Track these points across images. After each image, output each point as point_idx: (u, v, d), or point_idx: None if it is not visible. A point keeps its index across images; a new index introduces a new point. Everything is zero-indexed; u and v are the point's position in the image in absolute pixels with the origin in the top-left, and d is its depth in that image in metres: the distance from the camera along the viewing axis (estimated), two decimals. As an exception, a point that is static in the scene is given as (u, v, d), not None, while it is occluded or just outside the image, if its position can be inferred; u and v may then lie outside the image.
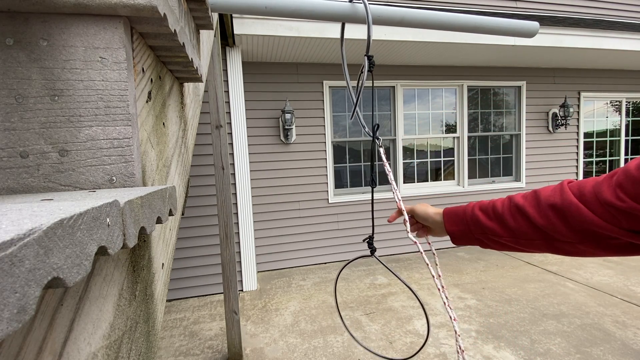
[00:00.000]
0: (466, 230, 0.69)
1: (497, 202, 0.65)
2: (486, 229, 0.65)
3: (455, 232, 0.72)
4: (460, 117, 4.46)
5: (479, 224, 0.66)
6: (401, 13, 0.83)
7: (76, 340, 0.29)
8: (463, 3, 4.03)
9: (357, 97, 0.78)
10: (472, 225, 0.68)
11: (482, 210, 0.67)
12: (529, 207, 0.58)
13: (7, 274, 0.17)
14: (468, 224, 0.68)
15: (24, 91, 0.38)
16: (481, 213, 0.66)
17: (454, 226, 0.72)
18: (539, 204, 0.57)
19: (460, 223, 0.70)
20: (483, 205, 0.67)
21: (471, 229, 0.68)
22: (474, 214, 0.67)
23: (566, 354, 2.16)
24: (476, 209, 0.68)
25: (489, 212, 0.65)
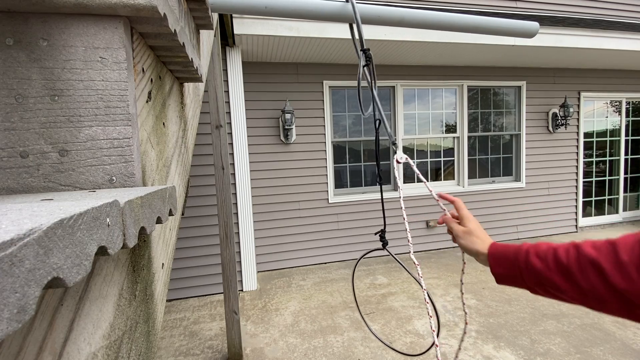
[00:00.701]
0: (517, 276, 0.60)
1: (559, 250, 0.55)
2: (544, 281, 0.55)
3: (503, 275, 0.63)
4: (460, 117, 4.46)
5: (535, 273, 0.56)
6: (401, 13, 0.83)
7: (76, 340, 0.29)
8: (463, 3, 4.03)
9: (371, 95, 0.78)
10: (525, 273, 0.58)
11: (539, 257, 0.57)
12: (606, 262, 0.48)
13: (7, 274, 0.17)
14: (520, 270, 0.59)
15: (24, 91, 0.38)
16: (539, 261, 0.56)
17: (501, 269, 0.63)
18: (618, 260, 0.46)
19: (511, 267, 0.61)
20: (540, 251, 0.57)
21: (524, 276, 0.59)
22: (528, 261, 0.58)
23: (566, 353, 2.16)
24: (532, 256, 0.58)
25: (548, 261, 0.55)
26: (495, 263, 0.64)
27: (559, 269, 0.53)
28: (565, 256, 0.53)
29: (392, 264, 3.92)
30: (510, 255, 0.62)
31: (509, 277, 0.62)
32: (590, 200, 5.18)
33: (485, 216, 4.54)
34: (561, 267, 0.53)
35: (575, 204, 4.95)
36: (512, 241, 4.63)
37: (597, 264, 0.48)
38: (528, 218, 4.74)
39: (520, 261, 0.59)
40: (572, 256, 0.52)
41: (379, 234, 0.80)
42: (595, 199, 5.21)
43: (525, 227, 4.74)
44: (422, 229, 4.34)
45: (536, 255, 0.57)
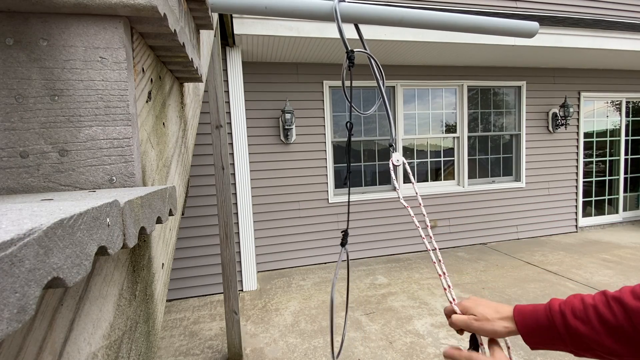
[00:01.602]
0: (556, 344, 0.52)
1: (599, 307, 0.48)
2: (594, 345, 0.48)
3: (539, 343, 0.54)
4: (460, 117, 4.46)
5: (580, 339, 0.49)
6: (401, 13, 0.83)
7: (76, 340, 0.29)
8: (463, 3, 4.03)
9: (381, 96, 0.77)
10: (568, 339, 0.50)
11: (578, 318, 0.49)
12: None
13: (7, 274, 0.17)
14: (560, 335, 0.51)
15: (24, 91, 0.38)
16: (581, 324, 0.49)
17: (537, 338, 0.54)
18: None
19: (547, 334, 0.53)
20: (578, 311, 0.50)
21: (566, 342, 0.51)
22: (568, 325, 0.50)
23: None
24: (570, 318, 0.50)
25: (592, 323, 0.48)
26: (527, 332, 0.55)
27: (608, 331, 0.46)
28: (611, 314, 0.46)
29: (392, 264, 3.92)
30: (543, 320, 0.53)
31: (547, 345, 0.54)
32: (590, 200, 5.18)
33: (485, 216, 4.54)
34: (610, 328, 0.46)
35: (575, 204, 4.95)
36: (512, 241, 4.63)
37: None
38: (528, 218, 4.74)
39: (558, 326, 0.51)
40: (619, 313, 0.46)
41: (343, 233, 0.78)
42: (595, 199, 5.22)
43: (525, 227, 4.74)
44: (422, 229, 4.34)
45: (574, 317, 0.50)
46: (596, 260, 3.82)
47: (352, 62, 0.71)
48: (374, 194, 4.15)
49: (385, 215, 4.15)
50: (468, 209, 4.47)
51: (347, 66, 0.71)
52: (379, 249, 4.20)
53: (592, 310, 0.48)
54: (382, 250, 4.21)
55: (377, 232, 4.15)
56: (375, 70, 0.79)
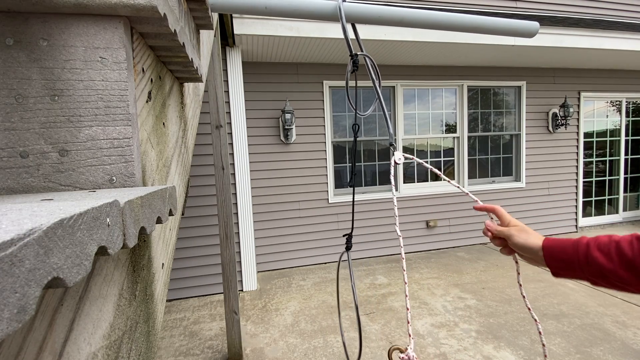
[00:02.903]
0: (576, 269, 0.61)
1: (622, 242, 0.55)
2: (608, 274, 0.56)
3: (560, 268, 0.63)
4: (460, 117, 4.46)
5: (598, 267, 0.57)
6: (401, 13, 0.83)
7: (76, 340, 0.29)
8: (463, 3, 4.03)
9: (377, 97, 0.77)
10: (586, 267, 0.59)
11: (601, 250, 0.57)
12: None
13: (7, 274, 0.17)
14: (580, 263, 0.59)
15: (24, 91, 0.38)
16: (601, 255, 0.57)
17: (558, 262, 0.63)
18: None
19: (570, 260, 0.61)
20: (602, 244, 0.57)
21: (584, 269, 0.59)
22: (590, 254, 0.58)
23: (566, 354, 2.16)
24: (593, 249, 0.58)
25: (611, 255, 0.55)
26: (551, 256, 0.64)
27: (623, 263, 0.54)
28: (630, 249, 0.53)
29: (392, 264, 3.92)
30: (569, 248, 0.62)
31: (566, 270, 0.63)
32: (590, 200, 5.18)
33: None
34: (626, 261, 0.54)
35: (575, 204, 4.95)
36: (512, 241, 4.62)
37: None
38: (528, 218, 4.74)
39: (581, 254, 0.59)
40: (637, 249, 0.53)
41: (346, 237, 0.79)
42: (595, 199, 5.21)
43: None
44: (422, 229, 4.34)
45: (598, 249, 0.57)
46: (596, 260, 3.82)
47: (356, 65, 0.71)
48: (374, 194, 4.15)
49: (385, 215, 4.15)
50: (468, 209, 4.47)
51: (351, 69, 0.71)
52: (379, 249, 4.20)
53: (614, 245, 0.55)
54: (382, 250, 4.21)
55: (377, 232, 4.15)
56: (372, 71, 0.79)
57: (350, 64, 0.72)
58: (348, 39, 0.74)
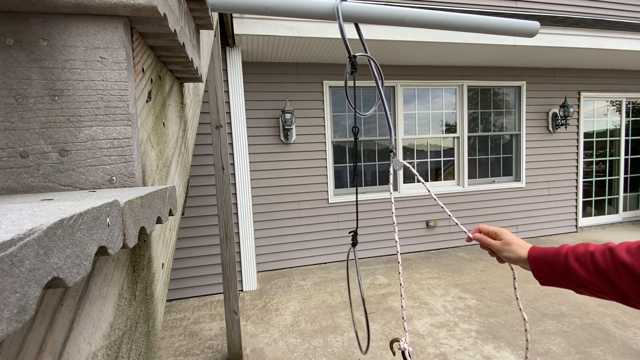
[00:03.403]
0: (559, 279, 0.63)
1: (596, 253, 0.57)
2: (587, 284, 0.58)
3: (545, 278, 0.66)
4: (460, 117, 4.46)
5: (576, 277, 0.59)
6: (402, 13, 0.83)
7: (76, 340, 0.29)
8: (463, 3, 4.03)
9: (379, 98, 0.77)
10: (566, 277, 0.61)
11: (579, 261, 0.59)
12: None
13: (7, 274, 0.17)
14: (562, 273, 0.62)
15: (24, 91, 0.38)
16: (579, 265, 0.59)
17: (543, 272, 0.66)
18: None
19: (551, 271, 0.64)
20: (579, 255, 0.59)
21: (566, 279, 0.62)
22: (568, 264, 0.60)
23: (566, 354, 2.16)
24: (571, 260, 0.60)
25: (587, 266, 0.58)
26: (536, 267, 0.66)
27: (598, 273, 0.56)
28: (603, 260, 0.55)
29: (392, 264, 3.92)
30: (550, 259, 0.64)
31: (551, 280, 0.65)
32: (590, 200, 5.18)
33: (485, 216, 4.54)
34: (600, 271, 0.55)
35: (575, 204, 4.95)
36: (512, 241, 4.63)
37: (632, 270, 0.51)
38: (528, 218, 4.74)
39: (560, 265, 0.62)
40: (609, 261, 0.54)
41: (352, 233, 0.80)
42: (595, 199, 5.21)
43: (525, 227, 4.74)
44: (422, 229, 4.34)
45: (575, 260, 0.59)
46: (596, 260, 3.82)
47: (354, 67, 0.71)
48: (374, 194, 4.15)
49: (385, 215, 4.15)
50: (468, 209, 4.47)
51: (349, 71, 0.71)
52: (379, 249, 4.20)
53: (589, 256, 0.58)
54: (382, 250, 4.21)
55: (377, 232, 4.15)
56: (375, 72, 0.79)
57: (349, 65, 0.72)
58: (345, 39, 0.74)
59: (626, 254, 0.53)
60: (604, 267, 0.55)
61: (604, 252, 0.56)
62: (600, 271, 0.55)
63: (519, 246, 0.71)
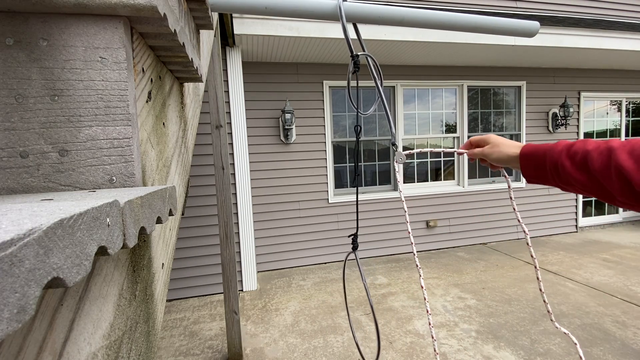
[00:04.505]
0: (547, 176, 0.61)
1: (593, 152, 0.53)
2: (573, 181, 0.56)
3: (532, 176, 0.64)
4: (460, 117, 4.46)
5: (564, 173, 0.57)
6: (401, 13, 0.83)
7: (76, 340, 0.29)
8: (463, 3, 4.03)
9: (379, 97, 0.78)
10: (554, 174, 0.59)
11: (571, 158, 0.56)
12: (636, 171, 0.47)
13: (7, 274, 0.17)
14: (551, 170, 0.60)
15: (24, 91, 0.38)
16: (570, 162, 0.56)
17: (531, 170, 0.64)
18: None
19: (541, 168, 0.61)
20: (574, 151, 0.56)
21: (554, 176, 0.60)
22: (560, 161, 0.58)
23: (566, 354, 2.16)
24: (564, 156, 0.57)
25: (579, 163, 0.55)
26: (526, 164, 0.64)
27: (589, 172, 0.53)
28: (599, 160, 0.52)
29: (393, 264, 3.92)
30: (541, 154, 0.61)
31: (539, 178, 0.63)
32: (590, 200, 5.18)
33: (485, 216, 4.54)
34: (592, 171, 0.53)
35: (575, 204, 4.95)
36: (512, 241, 4.63)
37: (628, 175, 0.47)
38: (528, 218, 4.74)
39: (552, 160, 0.59)
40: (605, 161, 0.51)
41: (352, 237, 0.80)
42: (596, 198, 5.21)
43: (525, 227, 4.73)
44: (422, 229, 4.34)
45: (568, 156, 0.57)
46: (596, 260, 3.82)
47: (357, 66, 0.71)
48: (374, 194, 4.15)
49: (385, 215, 4.15)
50: (468, 209, 4.47)
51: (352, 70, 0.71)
52: (379, 249, 4.20)
53: (584, 154, 0.54)
54: (382, 250, 4.21)
55: (377, 232, 4.15)
56: (374, 70, 0.79)
57: (352, 64, 0.72)
58: (349, 39, 0.74)
59: (628, 157, 0.48)
60: (597, 167, 0.52)
61: (602, 151, 0.52)
62: (592, 171, 0.53)
63: (508, 146, 0.69)
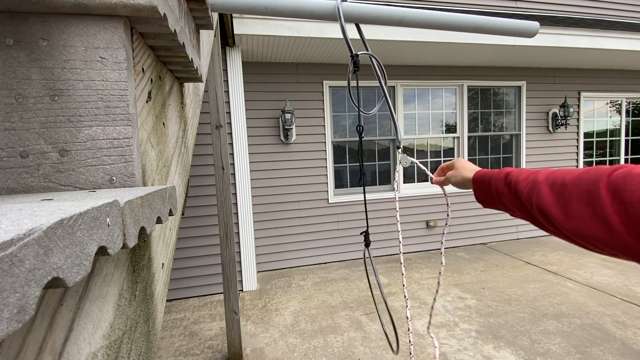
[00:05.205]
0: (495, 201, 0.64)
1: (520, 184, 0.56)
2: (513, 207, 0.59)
3: (483, 201, 0.68)
4: (460, 117, 4.46)
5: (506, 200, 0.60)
6: (401, 13, 0.83)
7: (76, 340, 0.29)
8: (463, 3, 4.03)
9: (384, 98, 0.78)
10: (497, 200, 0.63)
11: (508, 186, 0.59)
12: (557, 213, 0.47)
13: (7, 274, 0.17)
14: (496, 196, 0.63)
15: (24, 91, 0.38)
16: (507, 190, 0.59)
17: (482, 196, 0.68)
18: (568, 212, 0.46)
19: (488, 194, 0.65)
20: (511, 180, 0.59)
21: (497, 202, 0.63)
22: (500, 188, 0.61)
23: (566, 353, 2.16)
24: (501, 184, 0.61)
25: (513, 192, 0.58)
26: (477, 189, 0.68)
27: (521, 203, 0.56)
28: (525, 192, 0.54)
29: (393, 264, 3.92)
30: (487, 180, 0.65)
31: (489, 203, 0.66)
32: (590, 200, 5.17)
33: (485, 216, 4.54)
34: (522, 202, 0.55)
35: (575, 204, 4.94)
36: (512, 241, 4.64)
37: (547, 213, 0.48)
38: (528, 218, 4.73)
39: (496, 187, 0.62)
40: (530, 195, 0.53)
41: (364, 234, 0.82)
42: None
43: (525, 227, 4.74)
44: (422, 229, 4.34)
45: (506, 184, 0.60)
46: (596, 260, 3.82)
47: (357, 66, 0.71)
48: (374, 194, 4.14)
49: (385, 215, 4.15)
50: (468, 209, 4.47)
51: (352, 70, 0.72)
52: (379, 249, 4.20)
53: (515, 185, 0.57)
54: (382, 250, 4.21)
55: (377, 232, 4.15)
56: (377, 70, 0.79)
57: (351, 64, 0.72)
58: (347, 39, 0.74)
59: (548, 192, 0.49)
60: (525, 198, 0.53)
61: (529, 183, 0.53)
62: (523, 201, 0.54)
63: (467, 169, 0.72)
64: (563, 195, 0.47)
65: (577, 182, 0.46)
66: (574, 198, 0.45)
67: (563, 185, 0.47)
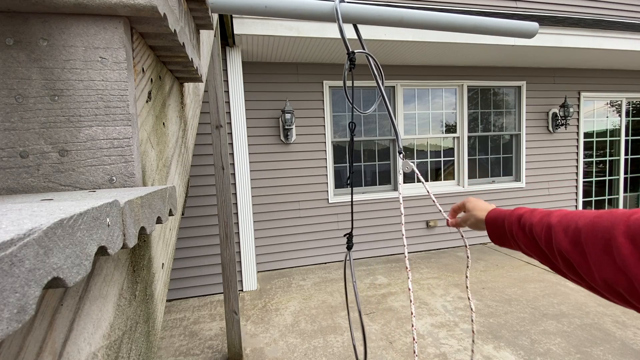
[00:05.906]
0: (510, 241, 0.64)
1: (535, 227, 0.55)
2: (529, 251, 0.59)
3: (497, 241, 0.68)
4: (460, 117, 4.46)
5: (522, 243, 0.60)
6: (401, 13, 0.83)
7: (76, 340, 0.29)
8: (463, 3, 4.03)
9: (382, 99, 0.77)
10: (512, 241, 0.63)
11: (522, 229, 0.59)
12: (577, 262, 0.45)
13: (7, 274, 0.17)
14: (511, 237, 0.63)
15: (24, 91, 0.38)
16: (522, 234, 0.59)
17: (495, 236, 0.68)
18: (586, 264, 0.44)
19: (502, 235, 0.65)
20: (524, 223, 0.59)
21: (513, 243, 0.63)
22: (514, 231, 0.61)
23: (566, 354, 2.16)
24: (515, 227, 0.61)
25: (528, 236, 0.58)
26: (490, 229, 0.69)
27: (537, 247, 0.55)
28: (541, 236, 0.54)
29: (393, 264, 3.92)
30: (500, 222, 0.65)
31: (503, 242, 0.66)
32: (590, 200, 5.18)
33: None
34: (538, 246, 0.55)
35: (575, 204, 4.95)
36: (512, 241, 4.63)
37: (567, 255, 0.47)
38: (528, 218, 4.73)
39: (509, 229, 0.62)
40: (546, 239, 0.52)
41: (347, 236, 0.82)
42: (595, 198, 5.21)
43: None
44: (422, 229, 4.34)
45: (520, 228, 0.59)
46: (596, 260, 3.81)
47: (353, 63, 0.71)
48: (374, 194, 4.15)
49: (385, 215, 4.15)
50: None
51: (348, 67, 0.72)
52: (379, 249, 4.20)
53: (530, 228, 0.57)
54: (382, 250, 4.21)
55: (377, 232, 4.15)
56: (375, 70, 0.79)
57: (347, 62, 0.72)
58: (345, 38, 0.74)
59: (564, 237, 0.48)
60: (544, 243, 0.53)
61: (544, 227, 0.53)
62: (541, 245, 0.53)
63: (478, 209, 0.73)
64: (579, 242, 0.45)
65: (591, 228, 0.44)
66: (591, 245, 0.43)
67: (577, 231, 0.46)
